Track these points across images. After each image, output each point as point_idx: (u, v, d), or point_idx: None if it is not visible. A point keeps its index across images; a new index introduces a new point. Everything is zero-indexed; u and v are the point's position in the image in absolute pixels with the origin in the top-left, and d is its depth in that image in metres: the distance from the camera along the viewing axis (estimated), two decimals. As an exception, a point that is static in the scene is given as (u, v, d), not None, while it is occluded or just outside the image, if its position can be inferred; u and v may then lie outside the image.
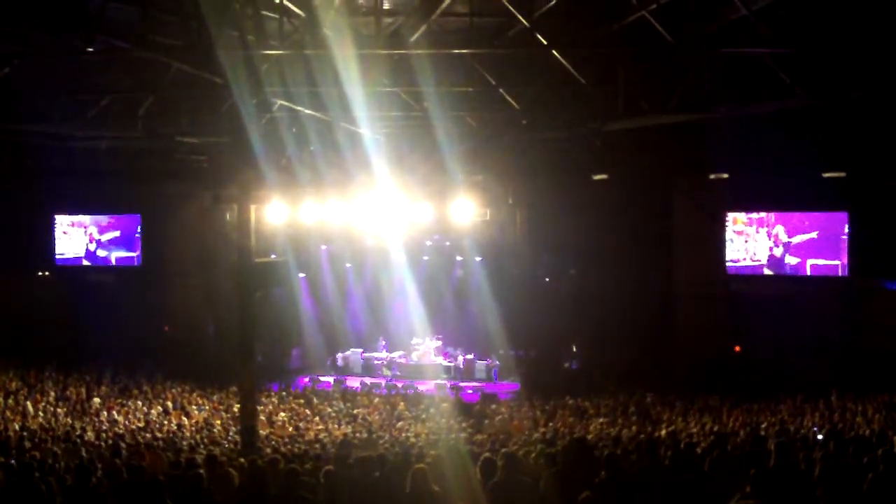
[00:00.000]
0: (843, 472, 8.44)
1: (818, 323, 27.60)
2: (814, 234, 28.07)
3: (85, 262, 34.90)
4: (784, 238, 28.42)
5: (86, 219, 34.83)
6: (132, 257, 34.51)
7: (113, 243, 34.62)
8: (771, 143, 24.37)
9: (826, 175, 25.41)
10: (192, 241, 33.48)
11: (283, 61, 17.95)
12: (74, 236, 34.92)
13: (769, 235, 28.62)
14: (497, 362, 33.40)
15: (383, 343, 35.36)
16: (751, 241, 28.96)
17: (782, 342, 27.35)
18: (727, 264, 29.34)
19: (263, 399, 26.17)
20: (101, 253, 34.75)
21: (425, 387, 31.36)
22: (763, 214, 28.70)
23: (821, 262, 27.96)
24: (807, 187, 26.56)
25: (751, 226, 28.96)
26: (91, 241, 34.78)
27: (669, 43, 14.91)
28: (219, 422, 22.95)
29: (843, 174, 25.27)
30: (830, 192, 26.32)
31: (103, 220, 34.78)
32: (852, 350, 26.92)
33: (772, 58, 16.62)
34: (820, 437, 15.83)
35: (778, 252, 28.55)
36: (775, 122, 22.11)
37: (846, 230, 27.44)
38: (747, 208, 28.97)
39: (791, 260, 28.31)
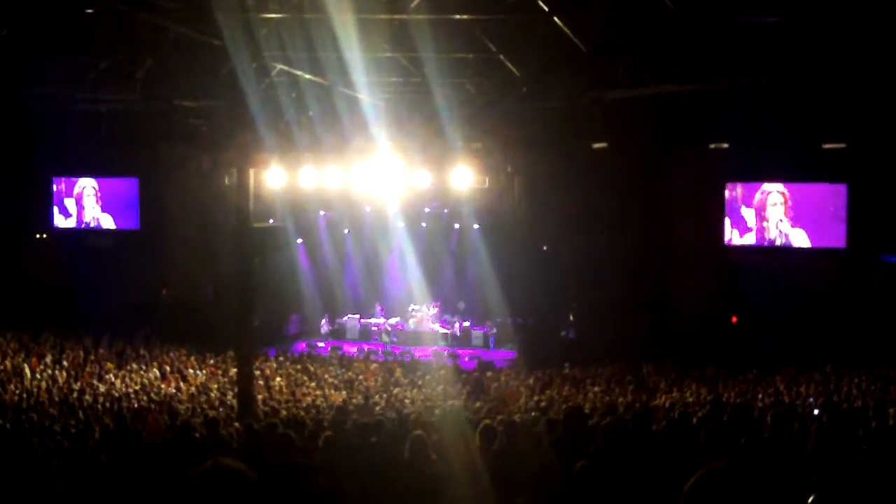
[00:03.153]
0: (837, 444, 8.46)
1: (815, 294, 27.62)
2: (813, 207, 28.10)
3: (82, 226, 34.80)
4: (782, 211, 28.39)
5: (84, 182, 34.68)
6: (130, 221, 34.39)
7: (111, 207, 34.51)
8: (771, 114, 24.30)
9: (826, 146, 25.36)
10: (190, 205, 33.34)
11: (283, 25, 17.87)
12: (73, 200, 34.80)
13: (767, 207, 28.61)
14: (494, 330, 33.47)
15: (380, 309, 35.42)
16: (749, 213, 28.96)
17: (779, 313, 27.37)
18: (725, 234, 29.34)
19: (261, 364, 26.21)
20: (99, 216, 34.64)
21: (422, 354, 31.45)
22: (761, 185, 28.67)
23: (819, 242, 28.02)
24: (807, 159, 26.52)
25: (749, 196, 28.93)
26: (89, 205, 34.66)
27: (671, 11, 14.86)
28: (215, 386, 23.00)
29: (843, 145, 25.22)
30: (830, 164, 26.27)
31: (102, 183, 34.64)
32: (849, 322, 26.93)
33: (774, 28, 16.56)
34: (816, 411, 15.88)
35: (773, 226, 28.55)
36: (776, 93, 22.07)
37: (845, 202, 27.42)
38: (747, 179, 28.91)
39: (789, 231, 28.31)
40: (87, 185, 34.61)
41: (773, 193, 28.49)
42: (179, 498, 2.74)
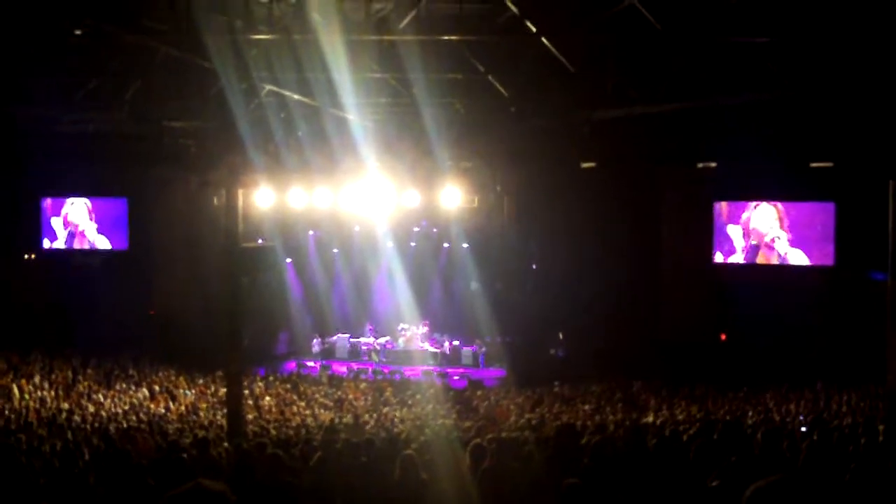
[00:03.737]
0: (827, 462, 8.48)
1: (804, 312, 27.67)
2: (803, 225, 28.18)
3: (71, 246, 34.68)
4: (777, 226, 28.45)
5: (74, 201, 34.59)
6: (119, 241, 34.32)
7: (99, 227, 34.42)
8: (759, 133, 24.35)
9: (813, 165, 25.43)
10: (179, 226, 33.28)
11: (272, 46, 17.87)
12: (61, 220, 34.70)
13: (757, 221, 28.68)
14: (483, 348, 33.46)
15: (370, 328, 35.40)
16: (737, 231, 29.03)
17: (768, 331, 27.41)
18: (714, 252, 29.40)
19: (250, 384, 26.13)
20: (88, 236, 34.54)
21: (412, 373, 31.43)
22: (750, 204, 28.75)
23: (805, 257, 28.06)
24: (795, 177, 26.59)
25: (737, 214, 29.01)
26: (77, 225, 34.56)
27: (659, 31, 14.92)
28: (205, 406, 22.94)
29: (830, 164, 25.29)
30: (818, 183, 26.36)
31: (90, 203, 34.56)
32: (838, 339, 26.96)
33: (762, 48, 16.64)
34: (804, 429, 15.90)
35: (763, 243, 28.61)
36: (764, 112, 22.12)
37: (834, 220, 27.52)
38: (735, 197, 29.01)
39: (787, 251, 28.37)
40: (77, 204, 34.52)
41: (763, 205, 28.54)
42: None
